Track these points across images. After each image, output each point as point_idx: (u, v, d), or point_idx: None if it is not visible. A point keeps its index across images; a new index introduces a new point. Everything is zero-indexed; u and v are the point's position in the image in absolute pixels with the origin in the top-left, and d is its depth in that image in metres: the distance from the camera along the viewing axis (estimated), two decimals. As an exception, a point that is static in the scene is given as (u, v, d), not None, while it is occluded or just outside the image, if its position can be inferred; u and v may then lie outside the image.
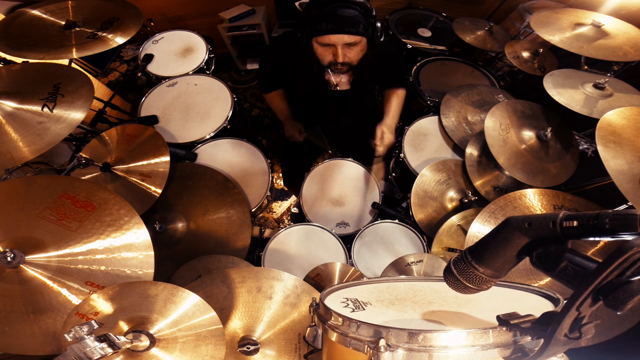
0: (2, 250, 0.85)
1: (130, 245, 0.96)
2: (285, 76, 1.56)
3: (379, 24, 1.26)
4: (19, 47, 1.38)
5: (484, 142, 1.46)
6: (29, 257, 0.89)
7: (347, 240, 1.50)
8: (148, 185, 1.30)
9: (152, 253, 0.97)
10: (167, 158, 1.34)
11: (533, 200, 1.30)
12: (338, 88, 1.51)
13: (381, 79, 1.62)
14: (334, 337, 0.54)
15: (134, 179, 1.32)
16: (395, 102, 1.63)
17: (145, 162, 1.34)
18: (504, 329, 0.44)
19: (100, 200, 0.99)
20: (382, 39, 1.31)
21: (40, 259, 0.90)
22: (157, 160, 1.34)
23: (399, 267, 1.31)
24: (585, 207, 1.30)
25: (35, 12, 1.53)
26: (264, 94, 1.71)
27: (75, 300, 0.88)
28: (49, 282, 0.88)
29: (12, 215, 0.94)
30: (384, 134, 1.54)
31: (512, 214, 1.22)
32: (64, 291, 0.88)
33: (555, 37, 1.57)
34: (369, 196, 1.63)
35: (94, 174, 1.34)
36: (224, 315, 0.99)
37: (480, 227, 1.28)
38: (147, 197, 1.29)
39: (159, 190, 1.29)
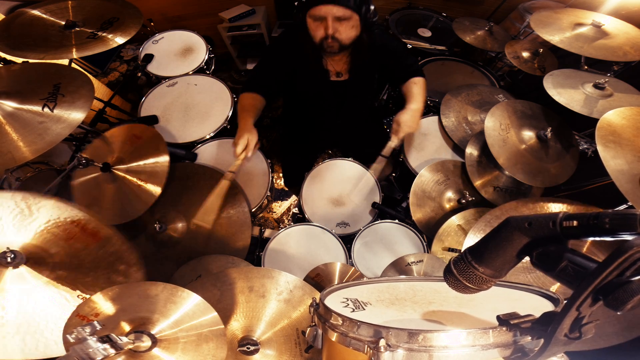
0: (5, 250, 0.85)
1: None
2: (280, 79, 1.54)
3: (372, 7, 1.26)
4: (19, 47, 1.38)
5: (484, 142, 1.46)
6: (29, 262, 0.89)
7: (347, 240, 1.50)
8: (148, 186, 1.30)
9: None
10: (166, 157, 1.34)
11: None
12: (341, 77, 1.51)
13: (391, 76, 1.61)
14: (334, 337, 0.54)
15: (133, 179, 1.32)
16: (415, 88, 1.52)
17: (143, 162, 1.34)
18: (504, 329, 0.44)
19: (106, 234, 1.01)
20: (375, 19, 1.31)
21: (40, 265, 0.90)
22: (156, 159, 1.34)
23: (399, 267, 1.31)
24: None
25: (35, 12, 1.52)
26: (244, 92, 1.52)
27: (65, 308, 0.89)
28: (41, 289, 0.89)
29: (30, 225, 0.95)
30: (401, 125, 1.40)
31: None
32: (55, 299, 0.89)
33: (555, 37, 1.57)
34: (369, 196, 1.63)
35: (94, 174, 1.34)
36: (221, 317, 0.99)
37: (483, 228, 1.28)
38: (147, 197, 1.29)
39: (159, 190, 1.29)
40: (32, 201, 0.95)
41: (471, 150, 1.58)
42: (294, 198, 2.25)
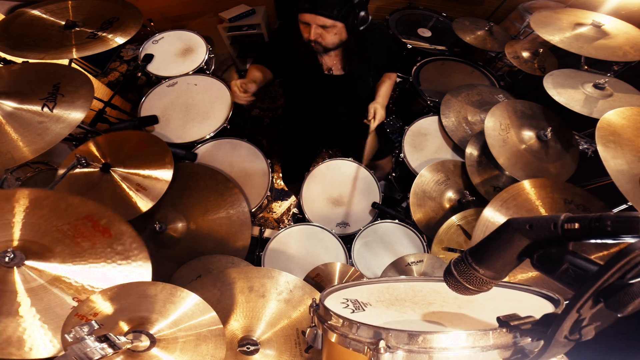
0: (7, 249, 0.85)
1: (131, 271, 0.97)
2: (282, 64, 1.59)
3: (362, 13, 1.28)
4: (19, 47, 1.37)
5: (484, 142, 1.46)
6: (29, 262, 0.88)
7: (347, 240, 1.50)
8: (142, 196, 1.27)
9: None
10: (169, 172, 1.31)
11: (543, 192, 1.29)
12: (332, 72, 1.54)
13: (377, 68, 1.66)
14: (333, 338, 0.54)
15: (130, 187, 1.28)
16: (387, 83, 1.72)
17: (146, 172, 1.31)
18: (504, 330, 0.44)
19: (118, 231, 1.00)
20: (361, 28, 1.33)
21: (39, 266, 0.89)
22: (158, 171, 1.32)
23: (399, 267, 1.31)
24: (592, 202, 1.29)
25: (35, 12, 1.52)
26: (253, 63, 1.67)
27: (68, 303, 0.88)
28: (47, 287, 0.88)
29: (38, 221, 0.94)
30: (377, 111, 1.61)
31: (520, 207, 1.21)
32: (54, 298, 0.88)
33: (555, 37, 1.57)
34: (369, 196, 1.63)
35: (93, 171, 1.32)
36: (221, 317, 0.99)
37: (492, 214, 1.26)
38: (141, 204, 1.26)
39: (150, 204, 1.26)
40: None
41: (471, 150, 1.58)
42: (294, 198, 2.25)
